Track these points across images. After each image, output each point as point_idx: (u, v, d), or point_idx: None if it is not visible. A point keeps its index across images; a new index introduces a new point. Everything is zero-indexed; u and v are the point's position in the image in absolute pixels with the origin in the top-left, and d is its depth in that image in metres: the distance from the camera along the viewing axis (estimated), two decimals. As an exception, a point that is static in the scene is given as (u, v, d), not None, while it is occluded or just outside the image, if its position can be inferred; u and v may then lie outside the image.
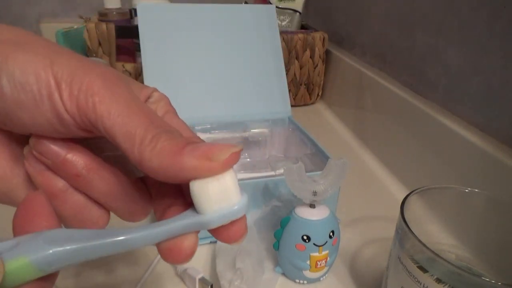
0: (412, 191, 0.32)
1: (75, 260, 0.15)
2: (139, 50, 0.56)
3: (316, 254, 0.36)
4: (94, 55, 0.74)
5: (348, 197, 0.50)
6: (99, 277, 0.39)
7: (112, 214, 0.21)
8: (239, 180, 0.18)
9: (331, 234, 0.36)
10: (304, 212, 0.36)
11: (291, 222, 0.37)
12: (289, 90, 0.74)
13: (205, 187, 0.16)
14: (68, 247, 0.15)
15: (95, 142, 0.19)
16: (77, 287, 0.38)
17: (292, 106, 0.60)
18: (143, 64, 0.55)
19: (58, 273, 0.17)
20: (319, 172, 0.37)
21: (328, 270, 0.39)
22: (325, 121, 0.78)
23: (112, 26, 0.72)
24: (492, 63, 0.43)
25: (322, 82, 0.84)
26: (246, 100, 0.58)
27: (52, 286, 0.17)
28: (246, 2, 0.89)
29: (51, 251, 0.15)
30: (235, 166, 0.17)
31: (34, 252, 0.15)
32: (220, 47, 0.59)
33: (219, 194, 0.16)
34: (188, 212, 0.17)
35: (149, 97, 0.20)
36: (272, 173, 0.49)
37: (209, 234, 0.41)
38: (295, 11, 0.82)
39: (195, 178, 0.16)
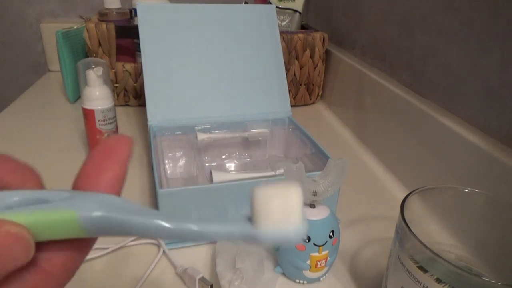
0: (412, 191, 0.32)
1: (118, 232, 0.15)
2: (139, 50, 0.57)
3: (316, 254, 0.36)
4: (94, 55, 0.74)
5: (348, 197, 0.50)
6: (99, 277, 0.39)
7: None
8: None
9: (331, 234, 0.36)
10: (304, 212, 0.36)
11: (291, 222, 0.37)
12: (289, 90, 0.74)
13: (270, 200, 0.15)
14: (118, 217, 0.15)
15: None
16: (77, 287, 0.38)
17: (292, 106, 0.60)
18: (143, 64, 0.55)
19: (91, 247, 0.17)
20: (319, 172, 0.37)
21: (328, 270, 0.39)
22: (325, 121, 0.78)
23: (112, 26, 0.72)
24: (492, 63, 0.43)
25: (322, 82, 0.84)
26: (246, 100, 0.58)
27: (83, 260, 0.16)
28: (246, 2, 0.89)
29: (100, 214, 0.14)
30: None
31: (84, 210, 0.14)
32: (220, 47, 0.59)
33: (282, 212, 0.15)
34: (243, 220, 0.16)
35: None
36: (272, 173, 0.49)
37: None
38: (295, 11, 0.82)
39: None
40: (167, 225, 0.15)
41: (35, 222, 0.14)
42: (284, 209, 0.15)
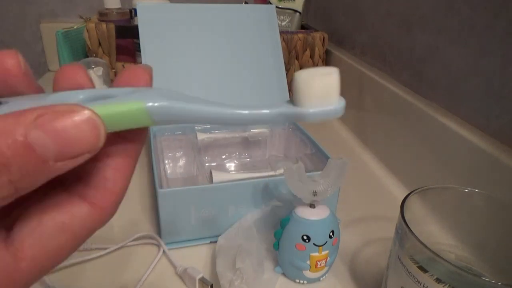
0: (412, 191, 0.32)
1: (181, 119, 0.16)
2: (139, 50, 0.56)
3: (316, 254, 0.36)
4: (94, 55, 0.74)
5: (348, 197, 0.50)
6: (99, 277, 0.39)
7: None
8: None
9: (331, 234, 0.36)
10: (304, 212, 0.36)
11: (291, 222, 0.37)
12: (289, 90, 0.74)
13: (311, 81, 0.16)
14: (181, 104, 0.16)
15: None
16: (77, 287, 0.38)
17: (292, 106, 0.60)
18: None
19: (144, 140, 0.18)
20: (319, 172, 0.37)
21: (328, 270, 0.39)
22: (325, 121, 0.78)
23: (112, 26, 0.72)
24: (492, 63, 0.43)
25: (322, 82, 0.84)
26: (246, 100, 0.58)
27: (141, 148, 0.18)
28: (246, 2, 0.89)
29: (166, 103, 0.15)
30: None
31: (151, 100, 0.15)
32: (220, 47, 0.59)
33: (323, 90, 0.17)
34: (285, 104, 0.17)
35: None
36: (272, 173, 0.49)
37: (209, 234, 0.41)
38: (295, 11, 0.82)
39: None
40: (222, 110, 0.17)
41: (105, 113, 0.14)
42: (326, 86, 0.17)
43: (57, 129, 0.13)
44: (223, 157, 0.57)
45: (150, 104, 0.15)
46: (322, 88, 0.17)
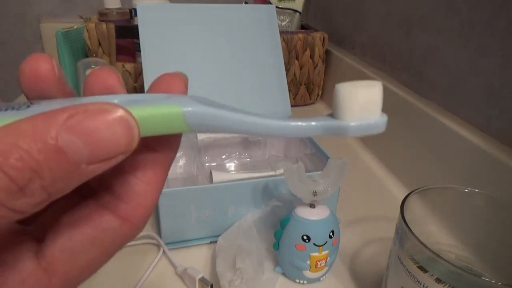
0: (412, 191, 0.32)
1: (217, 127, 0.15)
2: (139, 50, 0.56)
3: (316, 254, 0.36)
4: (94, 55, 0.74)
5: (348, 197, 0.50)
6: (99, 277, 0.39)
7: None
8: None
9: (331, 234, 0.36)
10: (304, 212, 0.36)
11: (291, 222, 0.37)
12: (289, 90, 0.74)
13: (354, 94, 0.16)
14: (218, 111, 0.15)
15: None
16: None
17: (292, 106, 0.60)
18: (143, 64, 0.55)
19: (176, 151, 0.17)
20: (319, 172, 0.37)
21: (328, 270, 0.39)
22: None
23: (112, 26, 0.72)
24: (492, 63, 0.43)
25: (322, 82, 0.84)
26: (246, 100, 0.58)
27: (179, 139, 0.17)
28: (246, 2, 0.89)
29: (203, 108, 0.15)
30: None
31: (188, 105, 0.15)
32: (220, 47, 0.59)
33: (366, 104, 0.16)
34: (326, 117, 0.17)
35: None
36: (272, 173, 0.49)
37: (209, 234, 0.41)
38: (295, 11, 0.82)
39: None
40: (262, 120, 0.16)
41: (140, 115, 0.14)
42: (369, 99, 0.16)
43: (89, 130, 0.12)
44: (223, 157, 0.57)
45: (188, 108, 0.15)
46: (365, 100, 0.16)
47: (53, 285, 0.14)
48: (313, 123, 0.17)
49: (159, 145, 0.16)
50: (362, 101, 0.16)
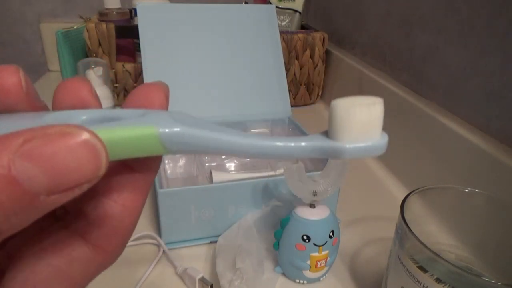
0: (412, 191, 0.32)
1: (195, 148, 0.14)
2: (139, 50, 0.56)
3: (316, 254, 0.36)
4: (94, 55, 0.74)
5: (348, 197, 0.50)
6: (99, 277, 0.39)
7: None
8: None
9: (331, 234, 0.36)
10: (304, 212, 0.36)
11: (291, 222, 0.37)
12: (289, 90, 0.74)
13: (353, 112, 0.14)
14: (197, 131, 0.14)
15: None
16: (77, 287, 0.38)
17: (292, 106, 0.60)
18: (143, 64, 0.55)
19: (156, 172, 0.16)
20: (319, 172, 0.37)
21: (328, 270, 0.39)
22: (325, 121, 0.78)
23: (112, 26, 0.72)
24: (492, 63, 0.43)
25: (322, 82, 0.84)
26: (246, 100, 0.58)
27: (160, 159, 0.15)
28: (246, 2, 0.89)
29: (179, 129, 0.13)
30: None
31: (163, 125, 0.13)
32: (220, 47, 0.59)
33: (365, 124, 0.14)
34: (319, 136, 0.15)
35: None
36: (272, 173, 0.49)
37: (209, 234, 0.41)
38: (295, 11, 0.82)
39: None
40: (246, 140, 0.14)
41: (110, 137, 0.12)
42: (368, 119, 0.14)
43: (48, 157, 0.10)
44: (223, 157, 0.57)
45: (164, 129, 0.13)
46: (364, 120, 0.14)
47: None
48: (303, 143, 0.15)
49: (137, 165, 0.15)
50: (361, 120, 0.14)
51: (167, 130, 0.13)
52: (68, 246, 0.13)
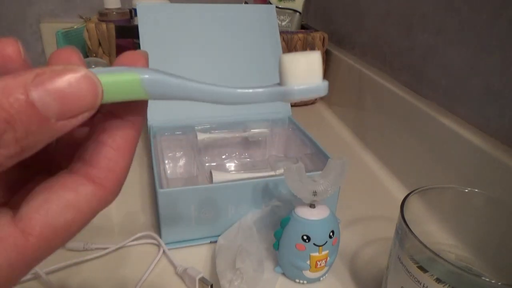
0: (412, 191, 0.32)
1: (171, 93, 0.17)
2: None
3: (316, 254, 0.36)
4: (94, 55, 0.74)
5: (348, 197, 0.50)
6: (99, 277, 0.39)
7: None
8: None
9: (331, 234, 0.36)
10: (304, 212, 0.36)
11: (291, 222, 0.37)
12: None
13: (295, 61, 0.18)
14: (172, 78, 0.17)
15: None
16: (77, 287, 0.38)
17: (292, 106, 0.60)
18: (143, 64, 0.55)
19: (143, 119, 0.18)
20: (319, 172, 0.37)
21: (328, 270, 0.39)
22: (325, 121, 0.78)
23: (112, 26, 0.72)
24: (492, 63, 0.43)
25: (322, 82, 0.84)
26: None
27: (145, 109, 0.18)
28: (246, 2, 0.89)
29: (161, 77, 0.16)
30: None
31: (144, 73, 0.16)
32: (220, 47, 0.59)
33: (306, 70, 0.18)
34: (274, 84, 0.19)
35: None
36: (272, 173, 0.49)
37: (209, 234, 0.41)
38: (295, 11, 0.82)
39: None
40: (212, 88, 0.18)
41: (103, 81, 0.15)
42: (309, 66, 0.18)
43: (57, 87, 0.13)
44: (223, 157, 0.57)
45: (145, 76, 0.16)
46: (305, 66, 0.18)
47: (31, 245, 0.14)
48: (259, 89, 0.18)
49: (126, 113, 0.17)
50: (303, 67, 0.18)
51: (147, 76, 0.16)
52: (74, 183, 0.16)
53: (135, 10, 0.72)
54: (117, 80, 0.15)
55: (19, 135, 0.12)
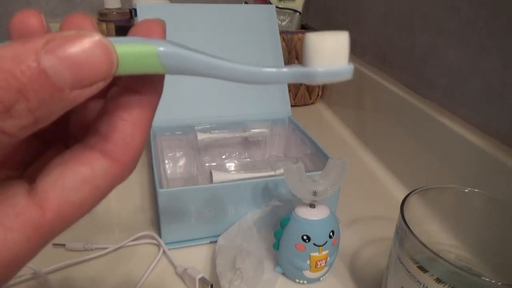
0: (412, 191, 0.32)
1: (189, 68, 0.16)
2: (139, 50, 0.56)
3: (316, 254, 0.36)
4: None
5: (348, 197, 0.50)
6: (99, 276, 0.39)
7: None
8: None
9: (331, 234, 0.36)
10: (304, 212, 0.36)
11: (291, 222, 0.37)
12: (289, 90, 0.73)
13: (322, 40, 0.17)
14: (191, 53, 0.16)
15: None
16: (77, 287, 0.38)
17: (292, 106, 0.60)
18: (143, 64, 0.55)
19: (160, 93, 0.17)
20: (319, 172, 0.37)
21: (328, 270, 0.39)
22: (325, 121, 0.78)
23: (112, 26, 0.72)
24: (492, 63, 0.43)
25: (322, 82, 0.84)
26: (246, 100, 0.58)
27: (162, 82, 0.17)
28: (246, 2, 0.89)
29: (178, 49, 0.15)
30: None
31: (162, 45, 0.15)
32: (220, 47, 0.59)
33: (333, 51, 0.17)
34: (296, 65, 0.18)
35: None
36: (272, 173, 0.49)
37: (209, 234, 0.41)
38: (295, 11, 0.82)
39: None
40: (234, 65, 0.17)
41: (118, 51, 0.14)
42: (336, 48, 0.17)
43: (69, 54, 0.12)
44: (223, 157, 0.57)
45: (161, 48, 0.15)
46: (332, 47, 0.17)
47: (47, 219, 0.14)
48: (284, 69, 0.17)
49: (142, 88, 0.17)
50: (329, 48, 0.17)
51: (163, 48, 0.15)
52: (89, 158, 0.15)
53: (135, 10, 0.72)
54: (132, 51, 0.15)
55: (32, 105, 0.12)
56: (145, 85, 0.17)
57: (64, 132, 0.19)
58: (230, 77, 0.17)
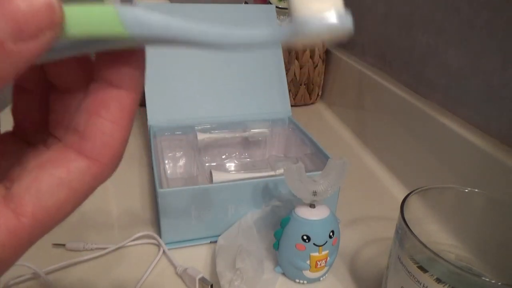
0: (412, 191, 0.32)
1: (160, 35, 0.14)
2: (139, 50, 0.56)
3: (316, 254, 0.36)
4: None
5: (348, 197, 0.50)
6: (99, 277, 0.39)
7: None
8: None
9: (331, 234, 0.36)
10: (304, 212, 0.36)
11: (291, 222, 0.37)
12: (289, 90, 0.74)
13: None
14: (160, 16, 0.14)
15: None
16: (77, 287, 0.38)
17: (292, 106, 0.60)
18: (143, 64, 0.55)
19: (140, 88, 0.16)
20: (319, 172, 0.37)
21: (328, 270, 0.39)
22: (325, 121, 0.78)
23: (112, 26, 0.72)
24: (492, 63, 0.43)
25: (322, 82, 0.84)
26: (246, 100, 0.58)
27: (142, 76, 0.16)
28: (246, 2, 0.89)
29: (141, 12, 0.14)
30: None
31: (123, 8, 0.14)
32: (220, 47, 0.59)
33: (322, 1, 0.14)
34: (285, 24, 0.15)
35: None
36: (272, 173, 0.49)
37: (209, 234, 0.41)
38: (295, 11, 0.82)
39: None
40: (213, 29, 0.14)
41: (73, 11, 0.13)
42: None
43: (4, 4, 0.11)
44: (223, 157, 0.57)
45: (121, 9, 0.14)
46: None
47: (23, 226, 0.14)
48: (269, 30, 0.14)
49: (121, 81, 0.16)
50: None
51: (124, 9, 0.14)
52: (66, 159, 0.15)
53: (135, 10, 0.72)
54: (89, 9, 0.13)
55: None
56: (124, 78, 0.16)
57: (45, 132, 0.18)
58: (202, 43, 0.14)
